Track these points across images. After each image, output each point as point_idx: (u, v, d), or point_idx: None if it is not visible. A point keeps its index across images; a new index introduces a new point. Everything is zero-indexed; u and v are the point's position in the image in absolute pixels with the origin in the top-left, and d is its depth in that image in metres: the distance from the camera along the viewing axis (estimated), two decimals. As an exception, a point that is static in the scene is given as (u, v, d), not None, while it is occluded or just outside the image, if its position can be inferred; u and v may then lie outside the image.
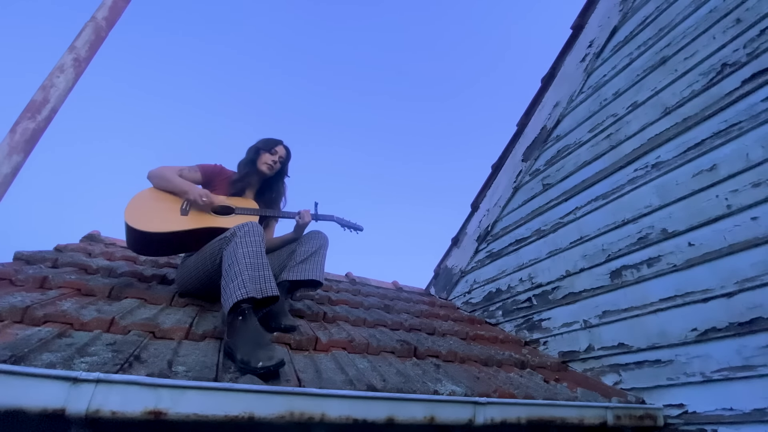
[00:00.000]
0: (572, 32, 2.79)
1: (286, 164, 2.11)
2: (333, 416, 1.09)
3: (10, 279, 1.52)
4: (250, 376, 1.13)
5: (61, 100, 1.35)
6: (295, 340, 1.55)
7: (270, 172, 2.01)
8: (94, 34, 1.47)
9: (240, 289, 1.36)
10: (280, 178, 2.11)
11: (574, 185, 2.46)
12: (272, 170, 2.02)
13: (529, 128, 3.05)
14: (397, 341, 1.83)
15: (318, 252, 1.91)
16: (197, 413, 0.96)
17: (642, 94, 2.17)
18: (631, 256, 1.98)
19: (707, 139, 1.77)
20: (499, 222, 3.12)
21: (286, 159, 2.09)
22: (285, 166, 2.10)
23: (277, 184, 2.10)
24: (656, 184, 1.95)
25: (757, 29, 1.68)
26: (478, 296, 3.13)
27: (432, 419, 1.21)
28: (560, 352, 2.23)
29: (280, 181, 2.12)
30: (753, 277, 1.49)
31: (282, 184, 2.12)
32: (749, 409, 1.41)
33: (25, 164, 1.24)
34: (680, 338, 1.67)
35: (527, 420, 1.37)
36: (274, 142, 2.06)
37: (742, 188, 1.59)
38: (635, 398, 1.73)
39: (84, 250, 2.23)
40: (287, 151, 2.09)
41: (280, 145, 2.07)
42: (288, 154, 2.10)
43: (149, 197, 1.76)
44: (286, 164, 2.11)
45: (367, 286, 3.37)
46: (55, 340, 1.11)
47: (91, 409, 0.87)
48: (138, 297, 1.65)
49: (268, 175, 2.01)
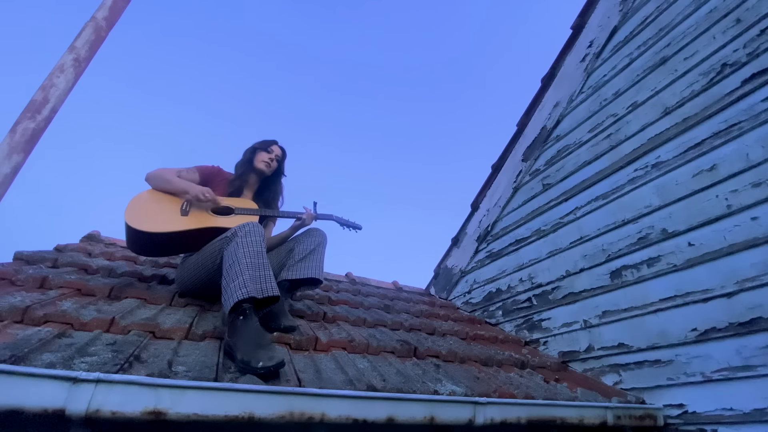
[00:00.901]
0: (572, 32, 2.79)
1: (283, 163, 2.15)
2: (333, 416, 1.09)
3: (10, 279, 1.52)
4: (250, 376, 1.13)
5: (61, 100, 1.35)
6: (295, 340, 1.55)
7: (267, 169, 2.04)
8: (94, 34, 1.47)
9: (241, 289, 1.36)
10: (278, 177, 2.15)
11: (574, 185, 2.46)
12: (269, 168, 2.04)
13: (529, 128, 3.05)
14: (397, 341, 1.83)
15: (317, 249, 1.92)
16: (197, 413, 0.96)
17: (642, 94, 2.18)
18: (631, 256, 1.98)
19: (707, 139, 1.77)
20: (499, 222, 3.12)
21: (281, 158, 2.13)
22: (281, 165, 2.15)
23: (275, 184, 2.13)
24: (656, 184, 1.95)
25: (757, 29, 1.68)
26: (478, 296, 3.13)
27: (432, 419, 1.21)
28: (560, 352, 2.23)
29: (278, 180, 2.15)
30: (753, 277, 1.49)
31: (279, 184, 2.16)
32: (749, 409, 1.41)
33: (25, 164, 1.24)
34: (680, 338, 1.67)
35: (527, 420, 1.37)
36: (270, 141, 2.12)
37: (742, 188, 1.59)
38: (635, 398, 1.73)
39: (84, 250, 2.23)
40: (282, 150, 2.14)
41: (276, 145, 2.12)
42: (283, 154, 2.14)
43: (149, 198, 1.76)
44: (283, 163, 2.15)
45: (367, 286, 3.37)
46: (55, 340, 1.11)
47: (91, 409, 0.87)
48: (138, 297, 1.65)
49: (265, 173, 2.04)
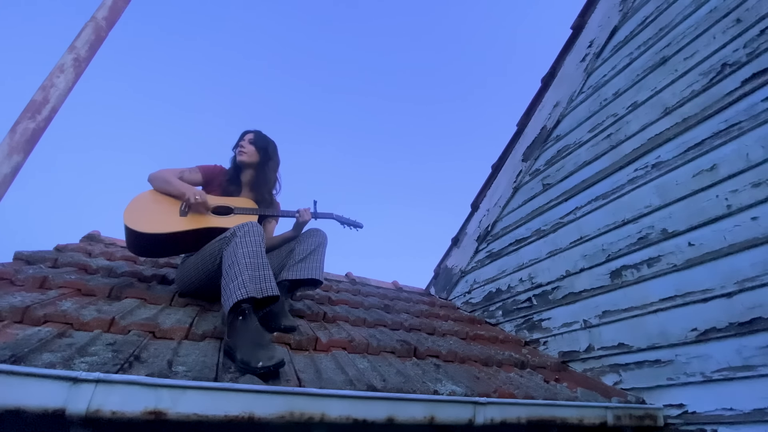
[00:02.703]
0: (572, 32, 2.79)
1: (267, 149, 2.05)
2: (333, 416, 1.09)
3: (10, 279, 1.52)
4: (250, 376, 1.13)
5: (61, 100, 1.35)
6: (295, 340, 1.55)
7: (246, 158, 1.98)
8: (94, 34, 1.47)
9: (240, 289, 1.36)
10: (266, 164, 2.04)
11: (574, 185, 2.46)
12: (246, 156, 1.98)
13: (529, 128, 3.05)
14: (397, 341, 1.83)
15: (317, 250, 1.91)
16: (197, 413, 0.96)
17: (642, 94, 2.17)
18: (631, 256, 1.98)
19: (707, 139, 1.77)
20: (499, 222, 3.12)
21: (257, 141, 2.03)
22: (266, 151, 2.04)
23: (264, 171, 2.04)
24: (656, 184, 1.95)
25: (757, 29, 1.68)
26: (478, 296, 3.13)
27: (432, 419, 1.21)
28: (560, 352, 2.23)
29: (269, 168, 2.05)
30: (753, 277, 1.49)
31: (271, 170, 2.06)
32: (749, 409, 1.41)
33: (25, 164, 1.24)
34: (680, 338, 1.67)
35: (527, 420, 1.37)
36: (241, 134, 2.07)
37: (742, 188, 1.59)
38: (635, 398, 1.73)
39: (84, 250, 2.23)
40: (255, 134, 2.06)
41: (245, 133, 2.06)
42: (257, 138, 2.04)
43: (148, 199, 1.76)
44: (267, 149, 2.05)
45: (367, 286, 3.37)
46: (55, 340, 1.11)
47: (91, 409, 0.87)
48: (138, 297, 1.65)
49: (246, 162, 1.98)
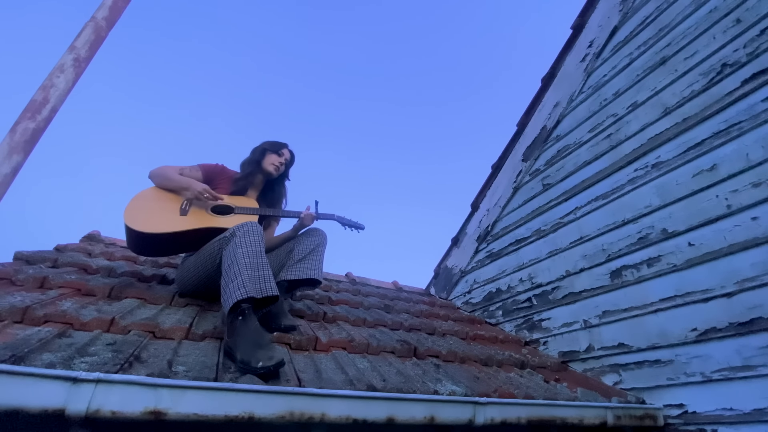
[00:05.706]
0: (572, 32, 2.79)
1: (290, 167, 2.16)
2: (333, 416, 1.09)
3: (10, 279, 1.52)
4: (250, 376, 1.13)
5: (61, 100, 1.35)
6: (295, 340, 1.55)
7: (276, 173, 2.04)
8: (94, 34, 1.47)
9: (240, 289, 1.36)
10: (283, 180, 2.15)
11: (574, 185, 2.46)
12: (278, 171, 2.05)
13: (529, 128, 3.05)
14: (397, 341, 1.83)
15: (316, 250, 1.91)
16: (197, 413, 0.96)
17: (642, 94, 2.17)
18: (631, 256, 1.98)
19: (707, 139, 1.77)
20: (499, 222, 3.12)
21: (290, 162, 2.13)
22: (288, 169, 2.15)
23: (280, 186, 2.14)
24: (656, 184, 1.95)
25: (757, 29, 1.68)
26: (478, 296, 3.13)
27: (432, 419, 1.21)
28: (560, 352, 2.23)
29: (282, 183, 2.15)
30: (753, 277, 1.49)
31: (284, 186, 2.16)
32: (749, 409, 1.41)
33: (25, 164, 1.24)
34: (680, 338, 1.67)
35: (527, 420, 1.37)
36: (281, 144, 2.11)
37: (742, 188, 1.59)
38: (635, 398, 1.73)
39: (84, 250, 2.23)
40: (292, 155, 2.14)
41: (286, 149, 2.11)
42: (292, 158, 2.14)
43: (148, 198, 1.76)
44: (290, 167, 2.16)
45: (367, 286, 3.37)
46: (55, 340, 1.11)
47: (91, 409, 0.87)
48: (138, 297, 1.65)
49: (273, 175, 2.04)
